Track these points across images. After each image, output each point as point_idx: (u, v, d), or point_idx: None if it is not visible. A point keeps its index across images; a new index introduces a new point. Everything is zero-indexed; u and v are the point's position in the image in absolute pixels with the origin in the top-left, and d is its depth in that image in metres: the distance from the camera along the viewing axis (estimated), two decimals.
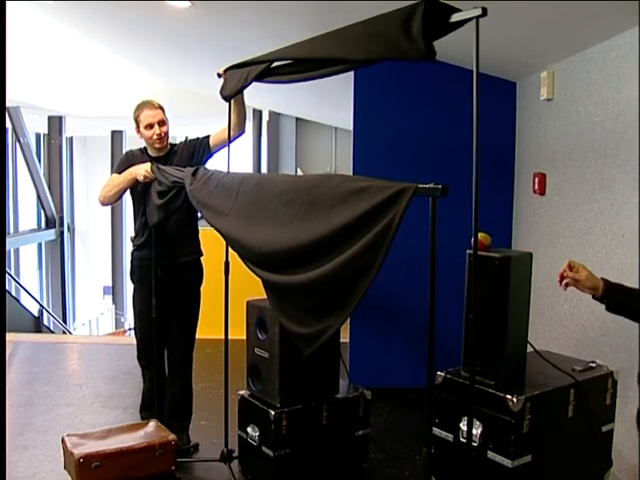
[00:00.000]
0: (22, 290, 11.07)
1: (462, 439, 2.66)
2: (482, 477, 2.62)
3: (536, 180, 4.00)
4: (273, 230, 2.48)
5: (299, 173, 10.14)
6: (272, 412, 3.02)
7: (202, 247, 3.59)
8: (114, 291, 15.52)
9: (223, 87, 3.07)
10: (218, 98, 3.11)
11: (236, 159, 3.41)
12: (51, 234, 14.24)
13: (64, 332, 12.02)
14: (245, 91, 3.06)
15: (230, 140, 3.27)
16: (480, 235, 2.40)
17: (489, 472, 2.57)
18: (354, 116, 4.41)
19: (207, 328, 3.84)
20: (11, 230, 12.96)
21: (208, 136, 3.46)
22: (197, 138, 3.49)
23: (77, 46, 8.49)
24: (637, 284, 2.55)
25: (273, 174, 8.89)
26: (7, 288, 9.66)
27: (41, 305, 11.41)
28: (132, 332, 6.45)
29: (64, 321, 13.62)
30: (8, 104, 11.21)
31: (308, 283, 2.28)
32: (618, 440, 2.92)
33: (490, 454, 2.57)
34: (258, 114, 11.46)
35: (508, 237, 4.49)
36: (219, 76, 3.09)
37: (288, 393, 3.07)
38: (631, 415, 2.66)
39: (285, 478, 3.08)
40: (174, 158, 3.43)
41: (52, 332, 11.17)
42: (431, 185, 2.02)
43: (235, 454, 3.28)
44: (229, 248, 2.93)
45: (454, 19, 1.97)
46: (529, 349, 2.79)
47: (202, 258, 3.58)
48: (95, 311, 15.66)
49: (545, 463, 2.61)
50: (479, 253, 2.35)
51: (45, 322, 11.26)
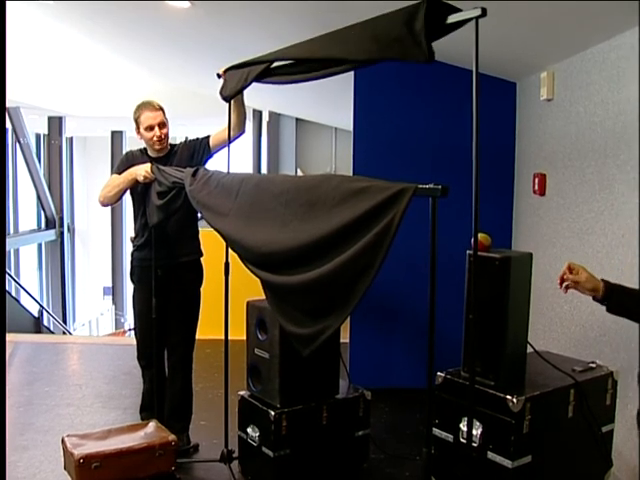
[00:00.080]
0: (22, 290, 11.07)
1: (462, 439, 2.66)
2: (482, 478, 2.62)
3: (536, 180, 4.00)
4: (273, 230, 2.48)
5: (299, 173, 10.14)
6: (272, 412, 3.02)
7: (202, 247, 3.59)
8: (114, 291, 15.54)
9: (223, 87, 3.07)
10: (218, 98, 3.11)
11: (236, 159, 3.41)
12: (51, 234, 14.25)
13: (64, 332, 12.02)
14: (245, 91, 3.06)
15: (230, 140, 3.27)
16: (480, 235, 2.39)
17: (489, 472, 2.57)
18: (354, 116, 4.41)
19: (207, 328, 3.84)
20: (11, 230, 12.96)
21: (208, 136, 3.46)
22: (197, 138, 3.49)
23: (77, 46, 8.49)
24: (637, 284, 2.55)
25: (273, 174, 8.89)
26: (7, 288, 9.66)
27: (41, 305, 11.41)
28: (132, 332, 6.44)
29: (64, 321, 13.62)
30: (8, 104, 11.21)
31: (308, 283, 2.28)
32: (618, 440, 2.92)
33: (490, 454, 2.57)
34: (258, 114, 11.46)
35: (508, 237, 4.49)
36: (219, 76, 3.09)
37: (288, 393, 3.07)
38: (631, 415, 2.65)
39: (285, 478, 3.07)
40: (174, 158, 3.43)
41: (52, 332, 11.17)
42: (431, 185, 2.02)
43: (235, 454, 3.28)
44: (229, 249, 2.93)
45: (454, 19, 1.97)
46: (529, 349, 2.79)
47: (202, 258, 3.58)
48: (95, 311, 15.66)
49: (545, 464, 2.61)
50: (479, 253, 2.35)
51: (45, 322, 11.25)
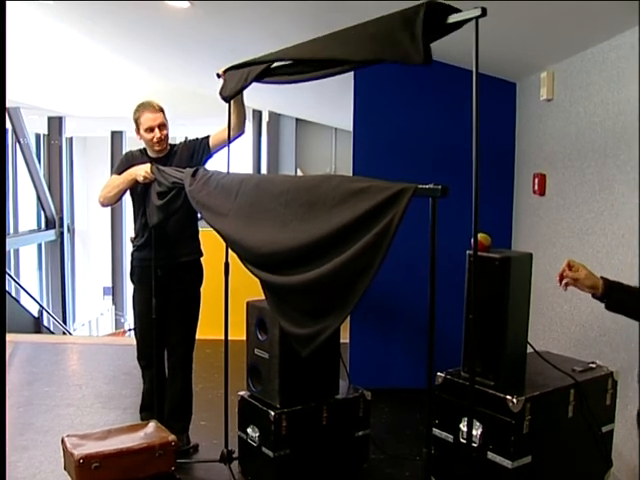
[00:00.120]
0: (22, 291, 11.07)
1: (462, 440, 2.66)
2: (482, 478, 2.62)
3: (536, 180, 4.00)
4: (273, 230, 2.48)
5: (299, 174, 10.13)
6: (272, 413, 3.02)
7: (202, 247, 3.59)
8: (114, 292, 15.54)
9: (223, 88, 3.07)
10: (218, 98, 3.11)
11: (236, 160, 3.41)
12: (51, 235, 14.24)
13: (64, 333, 12.02)
14: (245, 91, 3.06)
15: (230, 141, 3.27)
16: (480, 236, 2.39)
17: (489, 473, 2.57)
18: (354, 116, 4.41)
19: (207, 329, 3.84)
20: (11, 231, 12.96)
21: (208, 136, 3.46)
22: (196, 138, 3.49)
23: (77, 46, 8.49)
24: (637, 284, 2.55)
25: (273, 175, 8.90)
26: (7, 289, 9.66)
27: (41, 306, 11.41)
28: (132, 333, 6.44)
29: (64, 322, 13.62)
30: (8, 105, 11.21)
31: (307, 283, 2.28)
32: (618, 441, 2.92)
33: (490, 455, 2.57)
34: (258, 115, 11.46)
35: (508, 237, 4.49)
36: (218, 77, 3.09)
37: (288, 394, 3.07)
38: (631, 416, 2.65)
39: (285, 479, 3.07)
40: (174, 159, 3.43)
41: (52, 333, 11.17)
42: (431, 185, 2.02)
43: (235, 455, 3.28)
44: (229, 249, 2.93)
45: (454, 19, 1.97)
46: (529, 350, 2.79)
47: (202, 259, 3.58)
48: (95, 312, 15.66)
49: (545, 464, 2.61)
50: (479, 254, 2.35)
51: (45, 323, 11.25)
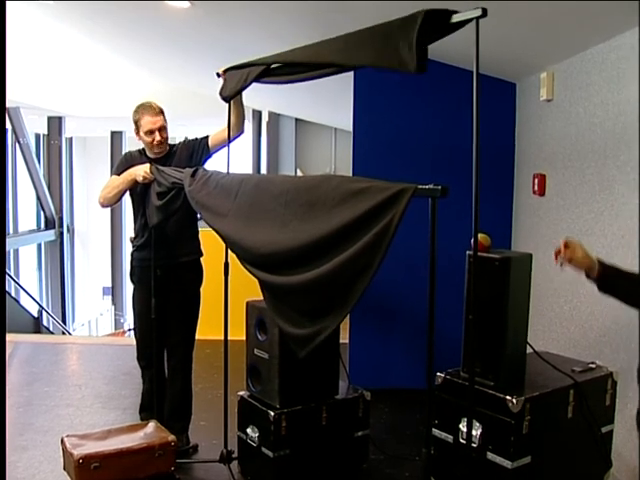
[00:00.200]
0: (22, 291, 11.07)
1: (462, 440, 2.66)
2: (482, 478, 2.62)
3: (536, 181, 4.00)
4: (272, 231, 2.48)
5: (299, 174, 10.14)
6: (272, 413, 3.02)
7: (202, 247, 3.58)
8: (113, 292, 15.54)
9: (223, 88, 3.07)
10: (218, 98, 3.11)
11: (236, 160, 3.41)
12: (51, 235, 14.25)
13: (63, 333, 12.01)
14: (244, 91, 3.06)
15: (229, 140, 3.27)
16: (480, 236, 2.39)
17: (489, 473, 2.57)
18: (354, 117, 4.41)
19: (207, 329, 3.84)
20: (11, 231, 12.96)
21: (207, 136, 3.46)
22: (196, 138, 3.48)
23: (77, 46, 8.50)
24: None
25: (273, 175, 8.89)
26: (7, 289, 9.65)
27: (41, 306, 11.41)
28: (132, 333, 6.44)
29: (63, 322, 13.62)
30: (8, 104, 11.21)
31: (307, 283, 2.28)
32: (618, 441, 2.92)
33: (490, 455, 2.57)
34: (258, 115, 11.46)
35: (508, 238, 4.48)
36: (218, 76, 3.09)
37: (288, 394, 3.07)
38: (631, 416, 2.65)
39: (285, 479, 3.07)
40: (173, 159, 3.43)
41: (51, 333, 11.17)
42: (431, 186, 2.02)
43: (235, 455, 3.28)
44: (229, 249, 2.93)
45: (454, 20, 1.97)
46: (529, 350, 2.79)
47: (202, 259, 3.58)
48: (94, 312, 15.65)
49: (545, 464, 2.61)
50: (479, 254, 2.35)
51: (45, 323, 11.26)
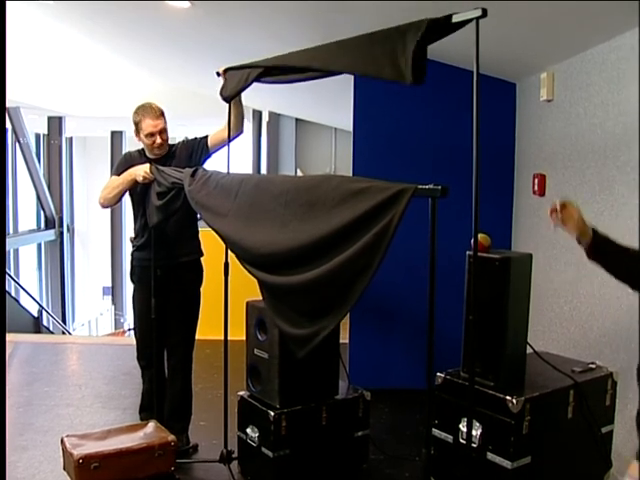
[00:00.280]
0: (22, 290, 11.07)
1: (462, 440, 2.66)
2: (481, 478, 2.62)
3: (536, 181, 4.00)
4: (272, 231, 2.48)
5: (299, 174, 10.13)
6: (272, 413, 3.01)
7: (202, 247, 3.58)
8: (113, 292, 15.54)
9: (223, 88, 3.07)
10: (218, 98, 3.11)
11: (236, 160, 3.40)
12: (51, 234, 14.24)
13: (63, 332, 12.02)
14: (244, 92, 3.06)
15: (229, 140, 3.27)
16: (480, 236, 2.39)
17: (488, 473, 2.57)
18: (354, 117, 4.41)
19: (207, 329, 3.84)
20: (11, 231, 12.96)
21: (206, 136, 3.45)
22: (195, 138, 3.48)
23: (77, 46, 8.49)
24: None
25: (273, 175, 8.89)
26: (7, 288, 9.65)
27: (40, 305, 11.41)
28: (132, 332, 6.44)
29: (63, 321, 13.62)
30: (8, 104, 11.21)
31: (306, 284, 2.28)
32: (618, 441, 2.91)
33: (490, 455, 2.57)
34: (258, 115, 11.45)
35: (508, 238, 4.48)
36: (218, 75, 3.09)
37: (288, 394, 3.06)
38: (631, 416, 2.65)
39: (285, 479, 3.07)
40: (172, 159, 3.43)
41: (51, 332, 11.17)
42: (431, 186, 2.02)
43: (234, 455, 3.28)
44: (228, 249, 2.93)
45: (454, 20, 1.97)
46: (529, 350, 2.79)
47: (202, 259, 3.57)
48: (94, 312, 15.65)
49: (545, 464, 2.61)
50: (479, 254, 2.35)
51: (45, 322, 11.26)
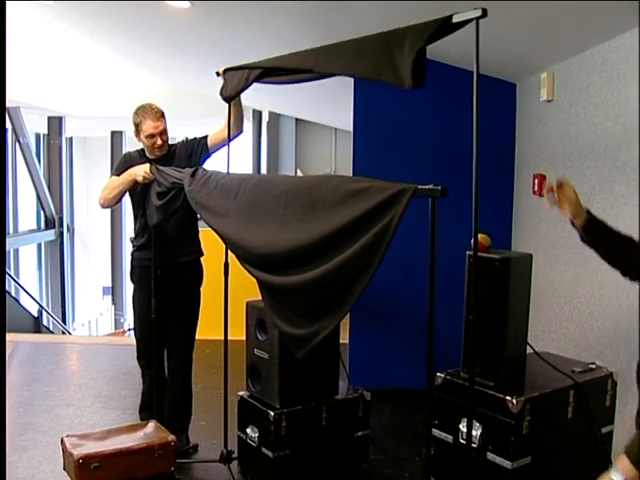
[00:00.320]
0: (22, 290, 11.07)
1: (462, 440, 2.66)
2: (482, 478, 2.62)
3: (536, 181, 3.98)
4: (272, 231, 2.48)
5: (299, 174, 10.13)
6: (272, 413, 3.01)
7: (202, 247, 3.58)
8: (113, 292, 15.54)
9: (223, 88, 3.07)
10: (218, 98, 3.11)
11: (236, 160, 3.41)
12: (51, 234, 14.24)
13: (63, 332, 12.02)
14: (244, 92, 3.06)
15: (228, 140, 3.27)
16: (480, 236, 2.39)
17: (489, 473, 2.57)
18: (354, 116, 4.41)
19: (207, 329, 3.84)
20: (11, 230, 12.96)
21: (206, 136, 3.45)
22: (195, 138, 3.48)
23: (77, 46, 8.49)
24: (637, 285, 2.54)
25: (273, 175, 8.89)
26: (7, 288, 9.65)
27: (40, 305, 11.41)
28: (132, 332, 6.44)
29: (63, 321, 13.62)
30: (8, 104, 11.21)
31: (306, 284, 2.28)
32: (618, 442, 2.91)
33: (490, 455, 2.57)
34: (258, 115, 11.45)
35: (508, 238, 4.48)
36: (218, 75, 3.08)
37: (288, 394, 3.06)
38: (631, 417, 2.64)
39: (285, 479, 3.07)
40: (172, 159, 3.43)
41: (51, 332, 11.17)
42: (431, 186, 2.02)
43: (234, 455, 3.28)
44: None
45: (454, 20, 1.98)
46: (529, 350, 2.79)
47: (202, 259, 3.57)
48: (94, 311, 15.66)
49: (545, 464, 2.61)
50: (479, 254, 2.35)
51: (44, 322, 11.26)
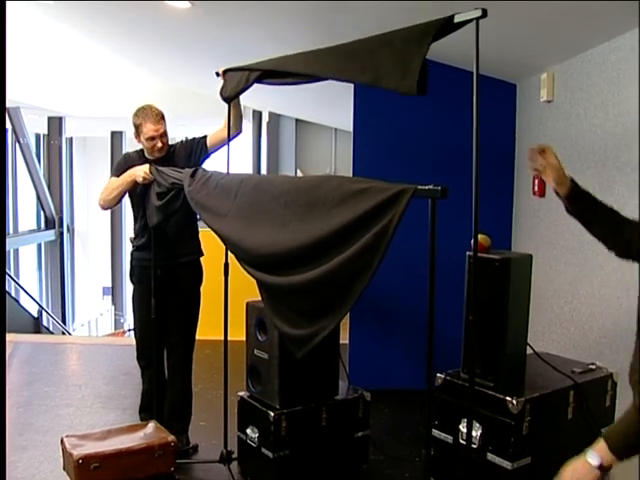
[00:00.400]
0: (22, 291, 11.07)
1: (462, 441, 2.66)
2: (481, 479, 2.62)
3: (536, 182, 3.98)
4: (272, 231, 2.48)
5: (299, 174, 10.13)
6: (271, 413, 3.01)
7: (202, 247, 3.58)
8: (113, 292, 15.53)
9: (223, 88, 3.06)
10: (218, 98, 3.11)
11: (236, 160, 3.40)
12: (51, 235, 14.23)
13: (63, 333, 12.01)
14: (244, 92, 3.06)
15: (228, 140, 3.27)
16: (480, 237, 2.39)
17: (489, 474, 2.57)
18: (354, 117, 4.41)
19: (207, 329, 3.84)
20: (11, 231, 12.95)
21: (205, 136, 3.45)
22: (194, 138, 3.48)
23: (77, 46, 8.50)
24: (637, 285, 2.54)
25: (273, 175, 8.88)
26: (7, 289, 9.65)
27: (40, 306, 11.40)
28: (131, 333, 6.44)
29: (63, 322, 13.61)
30: (8, 104, 11.20)
31: (306, 284, 2.28)
32: None
33: (490, 456, 2.57)
34: (258, 115, 11.45)
35: (508, 239, 4.48)
36: (217, 75, 3.08)
37: (287, 394, 3.06)
38: None
39: (284, 479, 3.07)
40: (172, 159, 3.42)
41: (51, 333, 11.16)
42: (431, 186, 2.02)
43: (234, 455, 3.28)
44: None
45: (455, 20, 1.97)
46: (529, 351, 2.79)
47: (202, 259, 3.57)
48: (94, 312, 15.65)
49: (545, 465, 2.60)
50: (479, 255, 2.35)
51: (44, 323, 11.25)
